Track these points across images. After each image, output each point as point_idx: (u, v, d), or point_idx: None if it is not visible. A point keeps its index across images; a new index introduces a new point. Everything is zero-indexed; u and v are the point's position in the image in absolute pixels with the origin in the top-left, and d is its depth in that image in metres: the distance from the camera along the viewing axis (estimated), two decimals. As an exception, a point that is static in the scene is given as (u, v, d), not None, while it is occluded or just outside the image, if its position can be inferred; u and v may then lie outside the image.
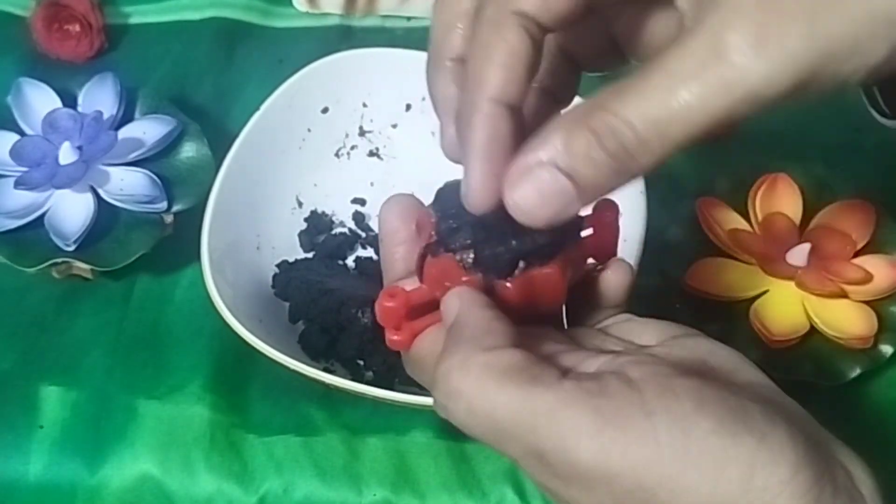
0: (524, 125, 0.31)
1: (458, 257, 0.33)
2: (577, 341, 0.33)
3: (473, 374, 0.29)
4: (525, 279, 0.32)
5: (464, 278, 0.32)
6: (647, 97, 0.28)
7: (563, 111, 0.31)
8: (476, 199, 0.31)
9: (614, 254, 0.35)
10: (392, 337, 0.33)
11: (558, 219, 0.30)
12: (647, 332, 0.34)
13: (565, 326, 0.36)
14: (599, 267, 0.35)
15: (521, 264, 0.32)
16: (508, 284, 0.32)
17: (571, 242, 0.33)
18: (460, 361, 0.29)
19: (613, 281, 0.35)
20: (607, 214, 0.35)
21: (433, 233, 0.33)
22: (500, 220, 0.32)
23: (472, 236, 0.32)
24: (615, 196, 0.32)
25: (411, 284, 0.34)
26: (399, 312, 0.33)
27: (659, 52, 0.28)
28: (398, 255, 0.35)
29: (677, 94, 0.27)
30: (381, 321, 0.33)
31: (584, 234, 0.35)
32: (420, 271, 0.34)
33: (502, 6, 0.30)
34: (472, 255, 0.32)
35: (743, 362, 0.32)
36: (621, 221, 0.35)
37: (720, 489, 0.27)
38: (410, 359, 0.34)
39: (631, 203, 0.35)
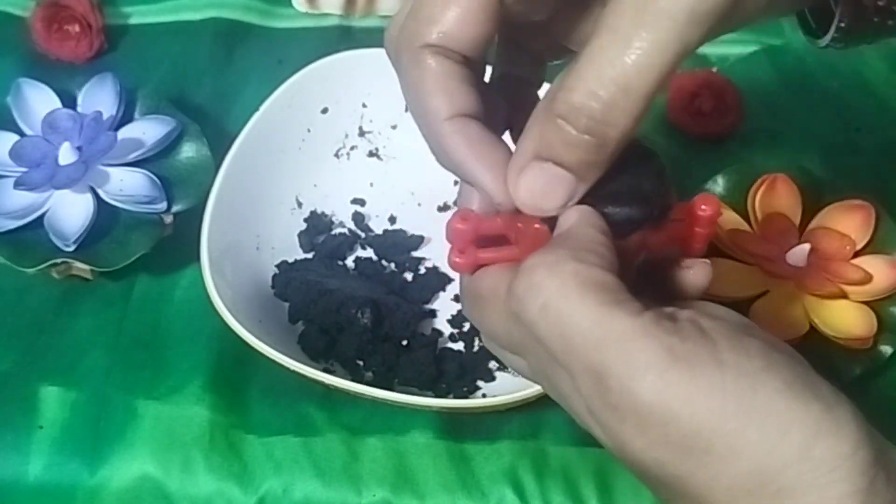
0: (497, 117, 0.32)
1: None
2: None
3: (560, 277, 0.28)
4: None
5: (536, 225, 0.32)
6: (600, 62, 0.28)
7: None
8: (503, 200, 0.31)
9: (703, 251, 0.34)
10: (454, 259, 0.32)
11: (572, 201, 0.30)
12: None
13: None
14: (685, 265, 0.34)
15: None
16: None
17: (657, 221, 0.32)
18: (551, 262, 0.29)
19: (695, 280, 0.34)
20: (704, 208, 0.33)
21: None
22: (601, 178, 0.31)
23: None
24: None
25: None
26: (467, 236, 0.32)
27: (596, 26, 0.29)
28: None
29: (628, 46, 0.27)
30: (448, 239, 0.32)
31: (672, 219, 0.33)
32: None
33: (412, 45, 0.31)
34: None
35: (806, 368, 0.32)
36: None
37: (779, 451, 0.27)
38: (468, 290, 0.33)
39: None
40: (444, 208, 0.58)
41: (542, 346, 0.29)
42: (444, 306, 0.54)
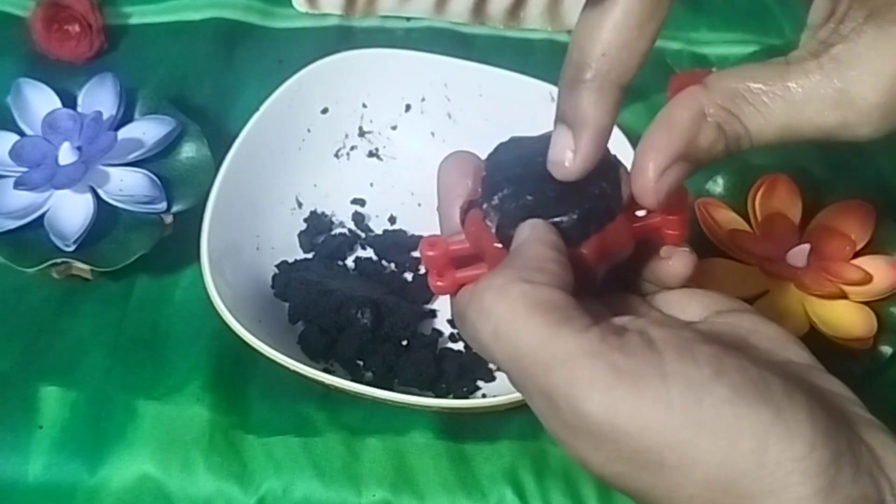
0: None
1: (487, 221, 0.33)
2: (620, 309, 0.33)
3: (508, 300, 0.29)
4: None
5: (495, 245, 0.33)
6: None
7: None
8: (578, 168, 0.32)
9: (681, 240, 0.35)
10: (436, 283, 0.33)
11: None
12: (692, 306, 0.34)
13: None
14: (663, 250, 0.35)
15: None
16: None
17: (610, 220, 0.33)
18: (500, 285, 0.29)
19: (676, 270, 0.35)
20: (672, 197, 0.34)
21: (479, 188, 0.34)
22: (545, 188, 0.32)
23: (506, 202, 0.33)
24: None
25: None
26: (439, 261, 0.33)
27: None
28: (455, 208, 0.35)
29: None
30: (425, 266, 0.34)
31: (643, 212, 0.34)
32: (462, 224, 0.34)
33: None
34: (495, 225, 0.33)
35: (787, 340, 0.32)
36: None
37: (731, 460, 0.27)
38: (454, 309, 0.34)
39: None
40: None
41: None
42: (444, 306, 0.54)
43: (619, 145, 0.53)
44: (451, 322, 0.53)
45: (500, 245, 0.33)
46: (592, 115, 0.32)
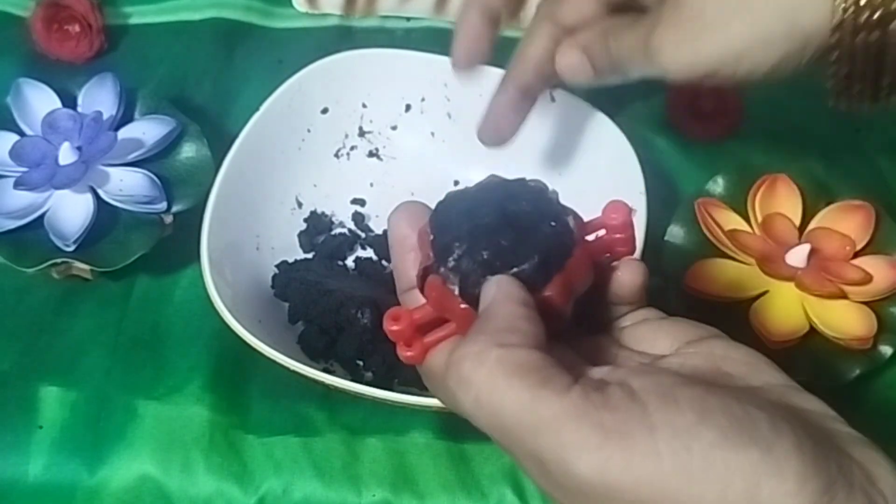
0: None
1: (448, 285, 0.33)
2: (592, 355, 0.33)
3: (486, 367, 0.29)
4: None
5: (462, 306, 0.33)
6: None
7: None
8: (462, 57, 0.45)
9: (631, 252, 0.35)
10: (405, 353, 0.33)
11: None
12: (661, 339, 0.34)
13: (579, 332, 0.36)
14: (613, 264, 0.35)
15: None
16: None
17: (569, 255, 0.33)
18: (475, 352, 0.29)
19: (627, 280, 0.35)
20: (614, 216, 0.35)
21: (430, 252, 0.33)
22: (497, 239, 0.32)
23: (463, 262, 0.32)
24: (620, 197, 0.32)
25: (419, 299, 0.34)
26: (406, 332, 0.33)
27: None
28: (409, 261, 0.35)
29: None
30: (390, 339, 0.33)
31: (592, 237, 0.35)
32: (422, 291, 0.34)
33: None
34: (457, 287, 0.33)
35: (759, 362, 0.32)
36: None
37: (725, 502, 0.27)
38: (425, 372, 0.34)
39: (631, 203, 0.35)
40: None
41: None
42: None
43: (620, 145, 0.53)
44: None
45: (464, 306, 0.32)
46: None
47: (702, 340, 0.33)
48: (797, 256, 0.52)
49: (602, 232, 0.35)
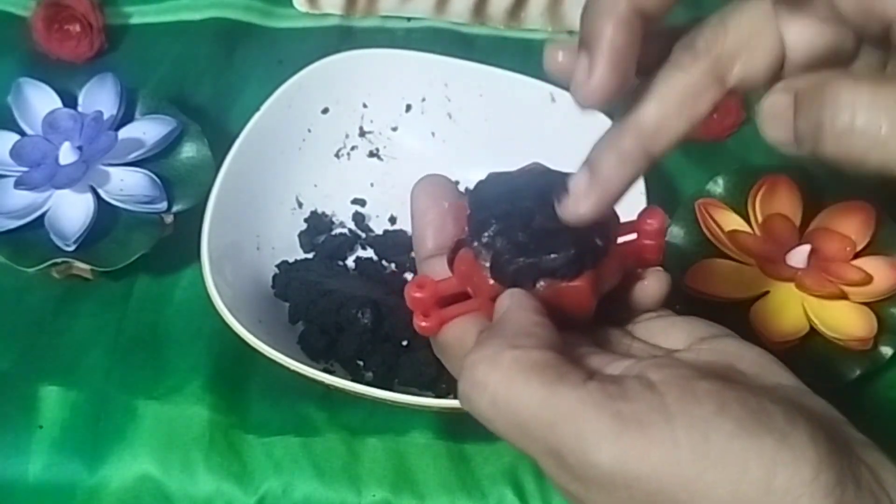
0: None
1: (479, 260, 0.33)
2: (605, 344, 0.34)
3: (501, 368, 0.29)
4: (551, 291, 0.32)
5: (490, 282, 0.33)
6: None
7: None
8: (592, 93, 0.30)
9: (657, 262, 0.35)
10: (420, 323, 0.33)
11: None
12: (675, 334, 0.34)
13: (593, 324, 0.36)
14: (639, 271, 0.35)
15: (542, 283, 0.32)
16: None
17: (604, 255, 0.33)
18: (490, 355, 0.29)
19: (650, 290, 0.35)
20: (650, 222, 0.35)
21: (466, 227, 0.34)
22: (534, 225, 0.32)
23: (498, 240, 0.33)
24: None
25: (441, 270, 0.34)
26: (427, 302, 0.33)
27: None
28: (428, 234, 0.35)
29: None
30: (410, 306, 0.33)
31: (623, 239, 0.34)
32: (451, 264, 0.34)
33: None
34: (489, 263, 0.33)
35: (772, 363, 0.32)
36: None
37: (741, 490, 0.27)
38: (438, 344, 0.34)
39: (631, 204, 0.35)
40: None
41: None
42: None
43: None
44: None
45: (493, 282, 0.33)
46: (608, 33, 0.30)
47: (715, 338, 0.33)
48: (797, 257, 0.52)
49: (633, 236, 0.35)
